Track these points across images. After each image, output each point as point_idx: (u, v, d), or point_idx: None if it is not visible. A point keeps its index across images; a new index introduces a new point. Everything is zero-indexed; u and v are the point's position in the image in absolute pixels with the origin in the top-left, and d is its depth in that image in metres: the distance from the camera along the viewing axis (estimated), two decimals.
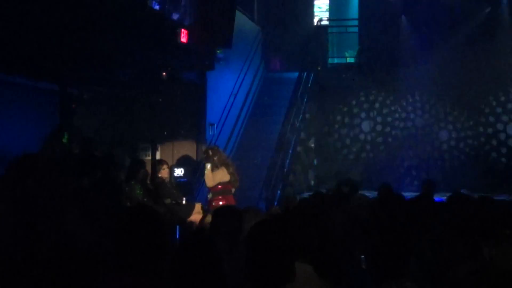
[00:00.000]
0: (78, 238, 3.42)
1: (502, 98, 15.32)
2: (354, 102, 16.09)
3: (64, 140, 8.35)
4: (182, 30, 10.12)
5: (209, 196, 9.07)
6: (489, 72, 14.85)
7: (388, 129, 15.94)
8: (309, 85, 14.96)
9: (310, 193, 8.69)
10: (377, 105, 16.03)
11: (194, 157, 11.74)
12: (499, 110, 15.35)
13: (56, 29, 7.46)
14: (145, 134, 10.07)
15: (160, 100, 10.40)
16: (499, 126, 15.31)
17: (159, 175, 8.94)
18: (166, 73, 10.52)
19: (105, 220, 4.02)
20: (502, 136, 15.28)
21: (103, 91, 9.36)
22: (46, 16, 7.20)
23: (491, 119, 15.38)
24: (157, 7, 9.78)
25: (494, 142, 15.31)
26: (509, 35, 14.90)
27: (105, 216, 4.21)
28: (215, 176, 8.75)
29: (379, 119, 15.99)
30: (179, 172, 10.98)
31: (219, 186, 8.82)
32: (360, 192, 8.36)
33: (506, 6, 15.30)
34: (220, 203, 8.40)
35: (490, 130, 15.37)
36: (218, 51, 11.91)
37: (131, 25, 8.93)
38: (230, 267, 3.99)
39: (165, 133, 10.72)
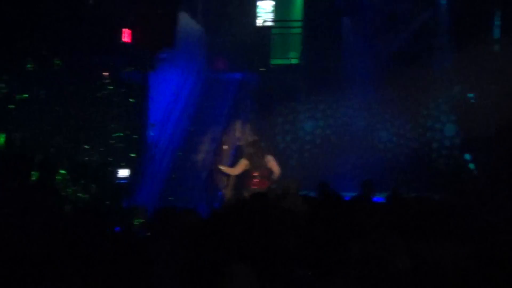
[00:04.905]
0: (9, 239, 3.34)
1: (440, 100, 15.68)
2: (296, 103, 16.19)
3: (1, 142, 8.16)
4: (124, 30, 10.02)
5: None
6: (428, 74, 15.19)
7: (330, 129, 16.11)
8: (252, 85, 15.01)
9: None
10: (319, 105, 16.17)
11: (135, 157, 11.53)
12: (437, 112, 15.71)
13: None
14: (84, 135, 9.89)
15: (101, 100, 10.25)
16: (437, 127, 15.68)
17: None
18: (107, 73, 10.38)
19: (39, 223, 3.93)
20: (440, 136, 15.66)
21: (41, 91, 9.16)
22: None
23: (430, 121, 15.73)
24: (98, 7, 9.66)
25: (433, 143, 15.68)
26: (447, 37, 15.31)
27: (38, 218, 4.12)
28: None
29: (321, 119, 16.14)
30: (124, 173, 10.73)
31: None
32: (301, 191, 8.40)
33: (445, 10, 15.67)
34: None
35: (429, 132, 15.72)
36: (161, 51, 11.81)
37: (71, 24, 8.80)
38: (169, 268, 3.96)
39: (106, 134, 10.54)
